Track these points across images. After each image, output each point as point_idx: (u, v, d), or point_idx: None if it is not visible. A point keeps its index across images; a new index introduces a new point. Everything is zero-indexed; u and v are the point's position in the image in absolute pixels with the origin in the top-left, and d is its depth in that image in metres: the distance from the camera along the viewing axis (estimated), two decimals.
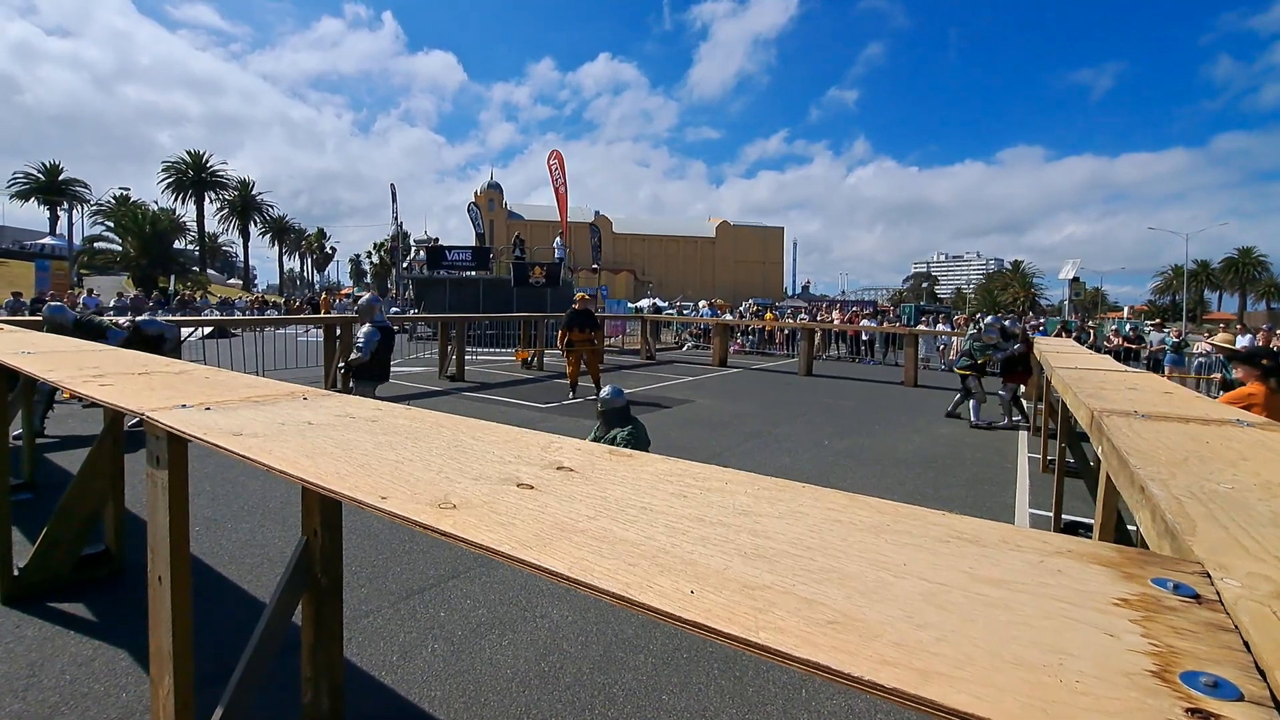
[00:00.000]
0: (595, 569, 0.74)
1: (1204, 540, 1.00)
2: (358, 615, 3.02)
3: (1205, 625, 0.69)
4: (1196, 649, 0.63)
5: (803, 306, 35.17)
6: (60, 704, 2.35)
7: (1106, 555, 0.86)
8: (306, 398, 1.96)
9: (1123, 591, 0.74)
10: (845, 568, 0.75)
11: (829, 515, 0.93)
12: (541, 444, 1.36)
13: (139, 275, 35.15)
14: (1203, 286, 63.83)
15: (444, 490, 1.04)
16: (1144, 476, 1.41)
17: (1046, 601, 0.69)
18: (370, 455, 1.27)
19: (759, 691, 2.58)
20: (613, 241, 63.64)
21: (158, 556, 1.66)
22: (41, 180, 49.74)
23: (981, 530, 0.90)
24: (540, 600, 3.24)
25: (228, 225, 61.45)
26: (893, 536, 0.85)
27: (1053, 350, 6.52)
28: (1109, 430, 1.98)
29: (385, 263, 55.02)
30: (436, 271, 21.44)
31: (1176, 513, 1.15)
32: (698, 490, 1.04)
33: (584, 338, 9.60)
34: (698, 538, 0.84)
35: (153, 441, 1.68)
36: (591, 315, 9.96)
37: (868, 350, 17.82)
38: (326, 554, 2.01)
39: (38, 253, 41.05)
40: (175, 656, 1.66)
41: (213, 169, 56.12)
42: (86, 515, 3.20)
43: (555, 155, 24.71)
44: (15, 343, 3.53)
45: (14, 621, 2.91)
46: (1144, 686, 0.56)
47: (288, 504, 4.47)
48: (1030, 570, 0.77)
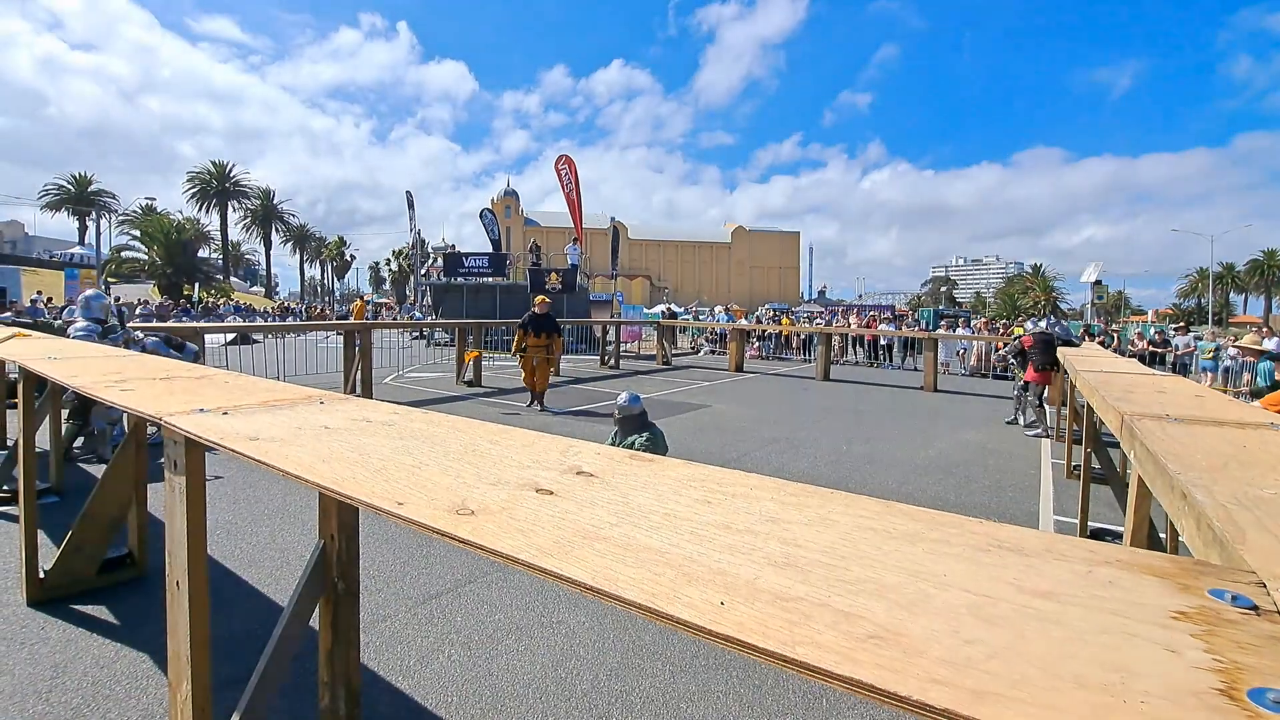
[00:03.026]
0: (619, 578, 0.71)
1: (1255, 549, 0.95)
2: (375, 620, 3.01)
3: (1268, 639, 0.64)
4: (1262, 664, 0.59)
5: (819, 311, 34.94)
6: (82, 706, 2.37)
7: (1159, 565, 0.81)
8: (324, 402, 1.95)
9: (1180, 604, 0.70)
10: (882, 578, 0.71)
11: (860, 523, 0.89)
12: (560, 448, 1.34)
13: (164, 283, 35.90)
14: (1228, 289, 62.39)
15: (461, 496, 1.02)
16: (1185, 483, 1.35)
17: (1101, 615, 0.65)
18: (387, 460, 1.26)
19: (778, 701, 2.52)
20: (628, 247, 63.74)
21: (175, 562, 1.66)
22: (72, 191, 51.11)
23: (1024, 539, 0.86)
24: (557, 606, 3.21)
25: (250, 234, 62.66)
26: (930, 545, 0.81)
27: (1077, 354, 6.38)
28: (1142, 434, 1.91)
29: (404, 270, 55.64)
30: (454, 278, 21.61)
31: (1225, 520, 1.10)
32: (722, 496, 1.00)
33: (539, 344, 8.81)
34: (725, 546, 0.80)
35: (171, 446, 1.68)
36: (552, 320, 9.11)
37: (886, 355, 17.62)
38: (344, 558, 2.00)
39: (67, 262, 42.11)
40: (193, 661, 1.65)
41: (236, 178, 57.29)
42: (110, 519, 3.23)
43: (565, 160, 24.15)
44: (42, 349, 3.59)
45: (39, 623, 2.94)
46: (1213, 705, 0.52)
47: (306, 508, 4.50)
48: (1080, 581, 0.73)
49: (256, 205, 60.19)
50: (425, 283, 27.17)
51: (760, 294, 64.23)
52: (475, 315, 18.91)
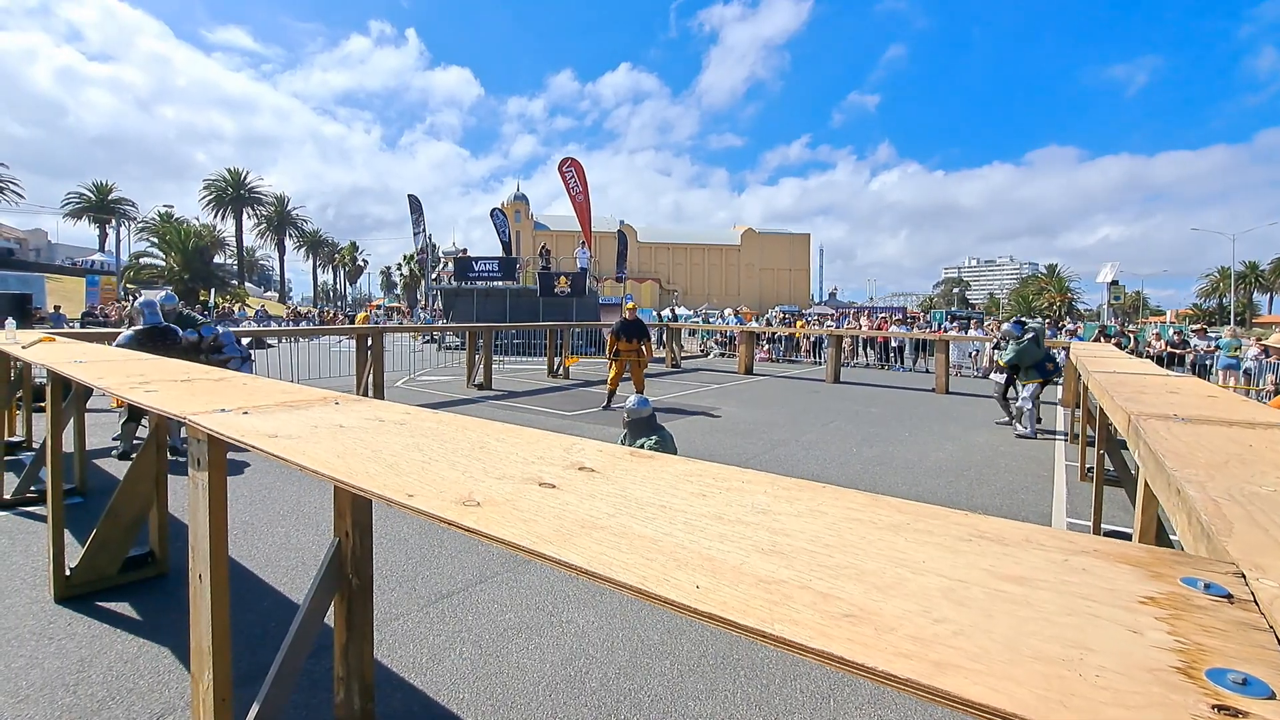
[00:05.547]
0: (614, 563, 0.76)
1: (1240, 541, 0.98)
2: (388, 618, 3.08)
3: (1236, 624, 0.67)
4: (1226, 647, 0.62)
5: (830, 314, 34.80)
6: (108, 698, 2.45)
7: (1135, 555, 0.84)
8: (339, 403, 2.02)
9: (1150, 590, 0.73)
10: (863, 564, 0.75)
11: (849, 514, 0.93)
12: (564, 445, 1.39)
13: (181, 289, 36.51)
14: (1251, 289, 61.27)
15: (468, 489, 1.07)
16: (1180, 479, 1.37)
17: (1069, 599, 0.68)
18: (399, 456, 1.31)
19: (785, 700, 2.55)
20: (637, 250, 63.91)
21: (198, 554, 1.73)
22: (93, 200, 52.16)
23: (1005, 529, 0.89)
24: (567, 605, 3.26)
25: (264, 239, 63.58)
26: (913, 535, 0.85)
27: (1090, 355, 6.34)
28: (1146, 434, 1.92)
29: (415, 274, 56.17)
30: (464, 282, 21.80)
31: (1213, 514, 1.12)
32: (717, 490, 1.05)
33: (631, 348, 9.57)
34: (716, 535, 0.85)
35: (194, 444, 1.75)
36: (641, 325, 9.94)
37: (897, 357, 17.53)
38: (358, 555, 2.06)
39: (88, 269, 42.99)
40: (214, 652, 1.72)
41: (251, 185, 58.16)
42: (132, 518, 3.32)
43: (571, 163, 24.04)
44: (67, 353, 3.71)
45: (66, 620, 3.04)
46: (1168, 682, 0.55)
47: (321, 509, 4.59)
48: (1054, 568, 0.76)
49: (271, 211, 61.10)
50: (436, 287, 27.42)
51: (770, 296, 64.10)
52: (486, 319, 19.06)
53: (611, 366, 9.76)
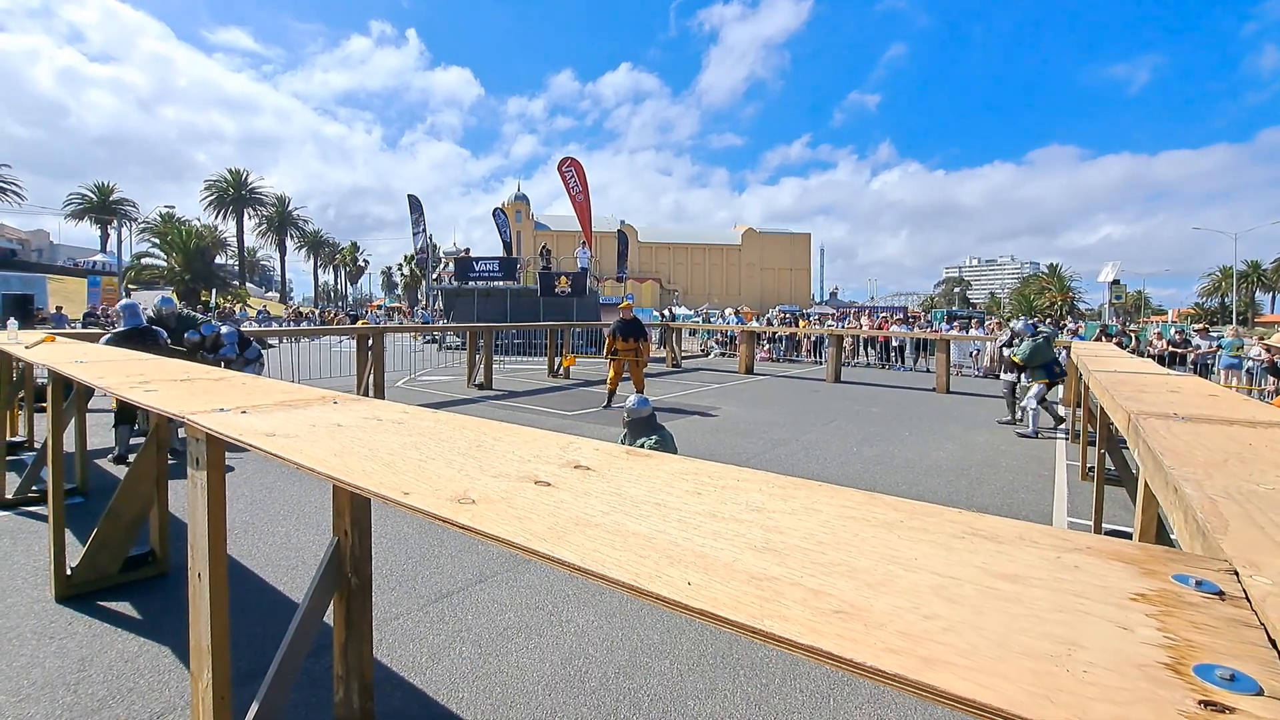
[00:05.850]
0: (607, 560, 0.76)
1: (1236, 539, 0.98)
2: (388, 618, 3.08)
3: (1227, 621, 0.67)
4: (1215, 643, 0.62)
5: (830, 313, 34.79)
6: (108, 697, 2.45)
7: (1128, 552, 0.84)
8: (337, 402, 2.02)
9: (1141, 587, 0.73)
10: (855, 562, 0.75)
11: (843, 512, 0.93)
12: (561, 444, 1.39)
13: (182, 289, 36.57)
14: (1254, 288, 61.15)
15: (464, 486, 1.07)
16: (1178, 477, 1.37)
17: (1060, 596, 0.68)
18: (395, 454, 1.31)
19: (785, 700, 2.55)
20: (637, 250, 63.88)
21: (197, 553, 1.73)
22: (95, 200, 52.26)
23: (999, 527, 0.89)
24: (566, 605, 3.26)
25: (265, 240, 63.67)
26: (906, 533, 0.85)
27: (1091, 354, 6.33)
28: (1146, 432, 1.92)
29: (415, 275, 56.25)
30: (465, 282, 21.81)
31: (1208, 511, 1.12)
32: (712, 488, 1.05)
33: (628, 347, 9.58)
34: (709, 532, 0.85)
35: (193, 444, 1.75)
36: (639, 324, 9.95)
37: (898, 357, 17.52)
38: (357, 554, 2.07)
39: (90, 269, 43.08)
40: (214, 651, 1.72)
41: (252, 186, 58.24)
42: (133, 518, 3.33)
43: (571, 163, 23.95)
44: (68, 353, 3.72)
45: (66, 619, 3.05)
46: (1155, 678, 0.55)
47: (320, 508, 4.59)
48: (1046, 566, 0.76)
49: (272, 212, 61.18)
50: (436, 287, 27.44)
51: (771, 296, 64.06)
52: (486, 319, 19.08)
53: (610, 366, 9.81)
